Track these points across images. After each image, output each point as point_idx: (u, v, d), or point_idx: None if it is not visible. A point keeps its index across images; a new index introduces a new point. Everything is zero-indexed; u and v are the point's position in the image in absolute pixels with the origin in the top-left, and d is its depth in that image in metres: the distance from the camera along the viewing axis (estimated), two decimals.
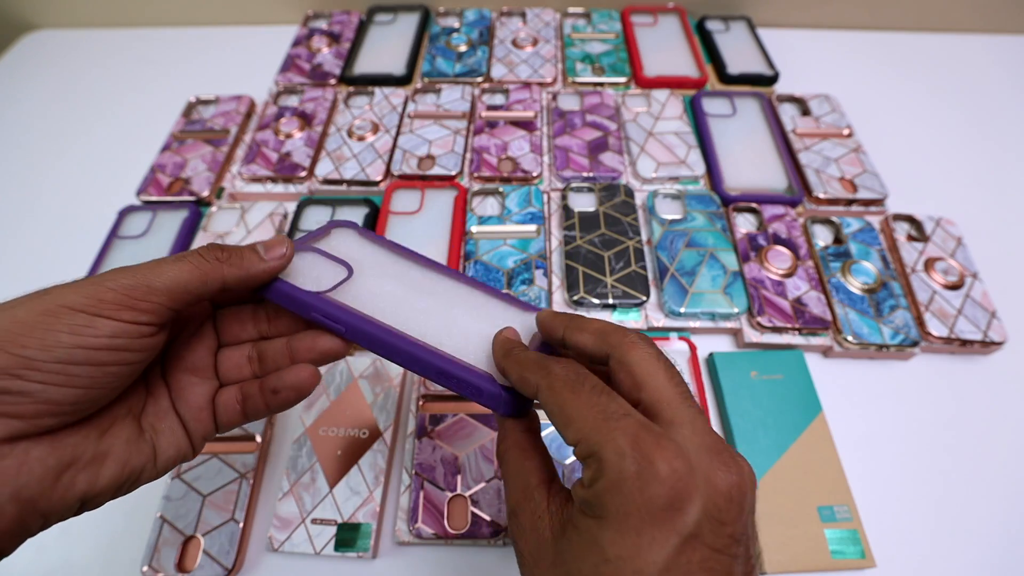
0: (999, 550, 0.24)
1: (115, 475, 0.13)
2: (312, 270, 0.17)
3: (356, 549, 0.23)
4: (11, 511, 0.12)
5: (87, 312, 0.12)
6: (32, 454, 0.12)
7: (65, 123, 0.43)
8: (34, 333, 0.12)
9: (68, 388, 0.12)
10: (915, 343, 0.28)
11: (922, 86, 0.43)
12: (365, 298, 0.17)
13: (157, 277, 0.14)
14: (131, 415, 0.14)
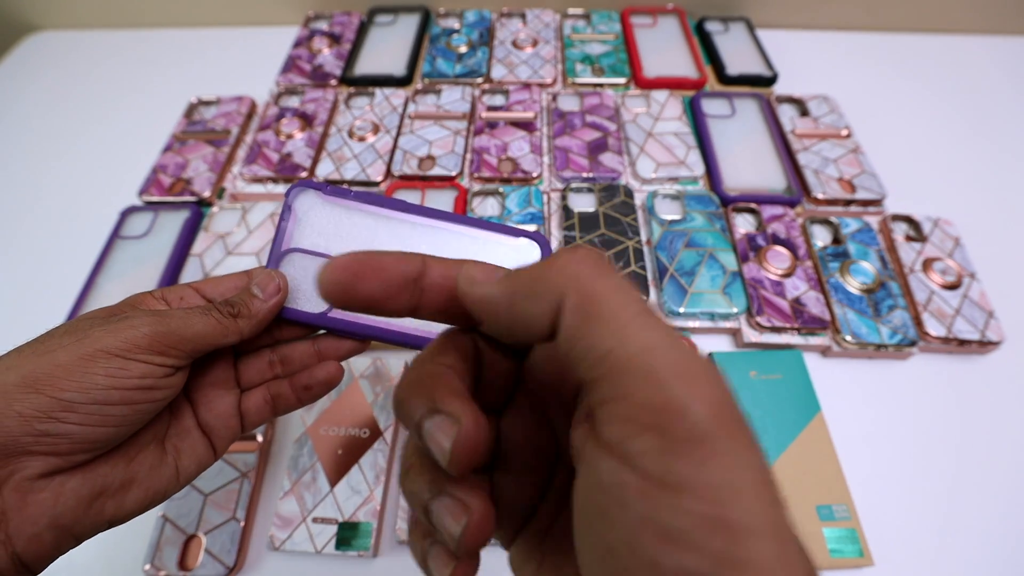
0: (997, 548, 0.24)
1: (140, 498, 0.15)
2: (304, 277, 0.17)
3: (357, 548, 0.23)
4: (49, 538, 0.13)
5: (123, 356, 0.13)
6: (67, 486, 0.13)
7: (67, 124, 0.43)
8: (72, 376, 0.13)
9: (102, 428, 0.13)
10: (913, 343, 0.28)
11: (920, 87, 0.43)
12: None
13: (187, 328, 0.15)
14: (155, 440, 0.16)
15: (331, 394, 0.27)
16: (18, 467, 0.13)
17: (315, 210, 0.18)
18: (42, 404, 0.12)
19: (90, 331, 0.14)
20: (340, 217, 0.17)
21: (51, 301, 0.31)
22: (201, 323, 0.15)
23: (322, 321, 0.17)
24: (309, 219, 0.17)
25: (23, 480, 0.13)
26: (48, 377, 0.13)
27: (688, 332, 0.29)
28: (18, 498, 0.13)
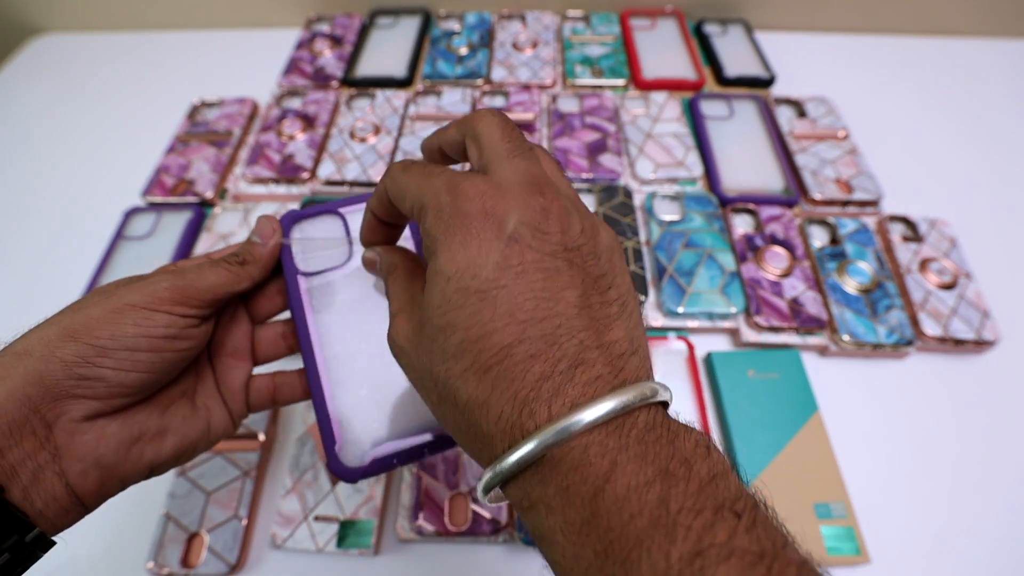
0: (993, 547, 0.24)
1: (175, 446, 0.16)
2: (324, 240, 0.18)
3: (358, 546, 0.23)
4: (95, 475, 0.14)
5: (148, 308, 0.15)
6: (107, 430, 0.15)
7: (71, 125, 0.43)
8: (105, 326, 0.14)
9: (134, 373, 0.15)
10: (910, 342, 0.28)
11: (916, 89, 0.43)
12: (335, 296, 0.18)
13: (202, 280, 0.16)
14: (185, 396, 0.17)
15: None
16: (65, 409, 0.14)
17: None
18: (80, 350, 0.14)
19: (117, 290, 0.15)
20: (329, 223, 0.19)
21: (55, 301, 0.31)
22: (213, 274, 0.16)
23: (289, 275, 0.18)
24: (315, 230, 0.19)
25: (70, 421, 0.14)
26: (84, 328, 0.14)
27: (687, 332, 0.29)
28: (67, 437, 0.14)
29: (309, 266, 0.18)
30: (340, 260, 0.18)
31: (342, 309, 0.18)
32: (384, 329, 0.16)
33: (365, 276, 0.18)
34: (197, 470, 0.25)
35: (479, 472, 0.24)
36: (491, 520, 0.23)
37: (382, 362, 0.17)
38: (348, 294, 0.18)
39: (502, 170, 0.13)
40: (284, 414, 0.28)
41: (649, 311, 0.30)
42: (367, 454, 0.16)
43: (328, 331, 0.17)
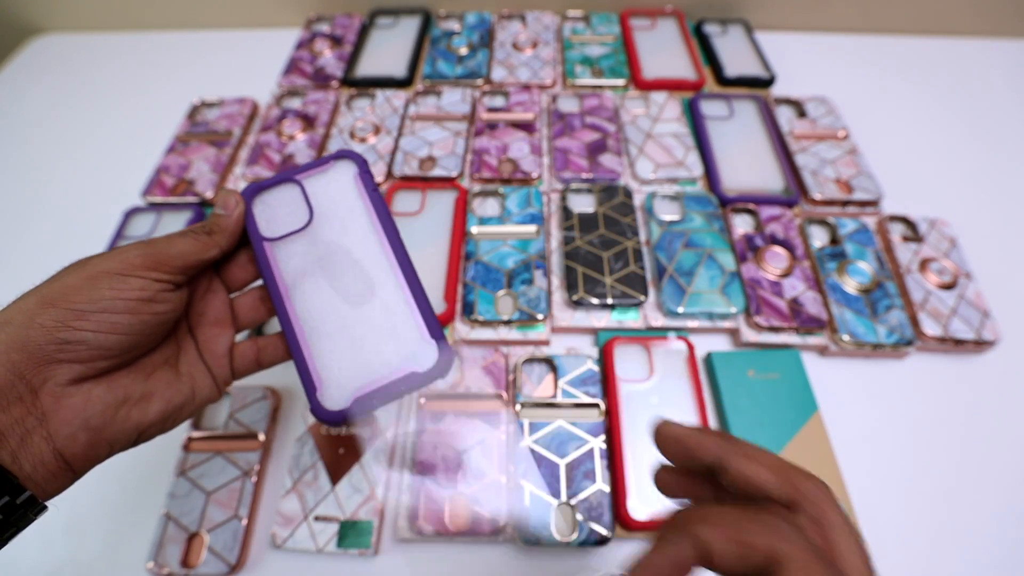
0: (994, 548, 0.24)
1: (161, 410, 0.17)
2: (284, 207, 0.19)
3: (358, 546, 0.23)
4: (83, 438, 0.15)
5: (121, 274, 0.16)
6: (94, 393, 0.15)
7: (71, 125, 0.43)
8: (81, 292, 0.15)
9: (113, 335, 0.15)
10: (910, 342, 0.28)
11: (916, 89, 0.43)
12: (300, 258, 0.19)
13: (171, 247, 0.17)
14: (168, 364, 0.18)
15: None
16: (50, 374, 0.15)
17: (339, 176, 0.20)
18: (58, 315, 0.14)
19: (90, 260, 0.16)
20: (347, 196, 0.19)
21: None
22: (182, 242, 0.17)
23: (255, 241, 0.18)
24: (329, 178, 0.20)
25: (56, 386, 0.15)
26: (60, 295, 0.15)
27: (687, 332, 0.29)
28: (53, 401, 0.15)
29: (273, 231, 0.19)
30: (301, 223, 0.19)
31: (308, 267, 0.18)
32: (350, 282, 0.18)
33: (326, 235, 0.19)
34: (197, 470, 0.25)
35: (479, 472, 0.24)
36: (491, 520, 0.23)
37: (352, 310, 0.18)
38: (312, 253, 0.19)
39: None
40: (283, 414, 0.28)
41: (649, 311, 0.30)
42: (348, 396, 0.17)
43: (297, 288, 0.18)
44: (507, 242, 0.32)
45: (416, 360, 0.18)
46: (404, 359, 0.18)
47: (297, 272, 0.18)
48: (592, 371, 0.27)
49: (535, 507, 0.23)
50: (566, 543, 0.23)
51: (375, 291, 0.18)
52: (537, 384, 0.27)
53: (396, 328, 0.18)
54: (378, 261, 0.19)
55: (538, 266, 0.31)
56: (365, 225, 0.19)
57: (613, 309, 0.30)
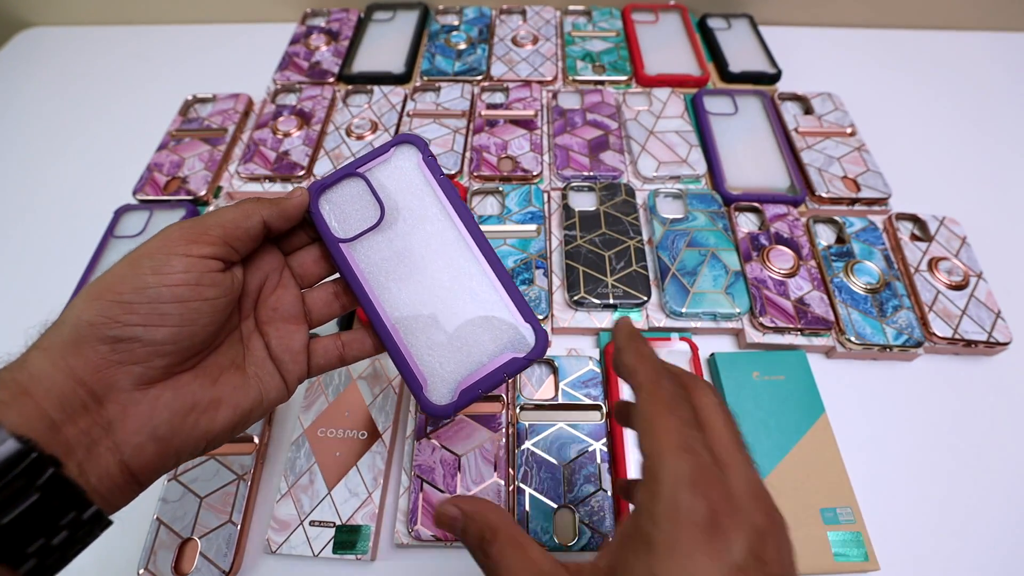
0: (1004, 552, 0.23)
1: (230, 416, 0.16)
2: (352, 203, 0.18)
3: (355, 551, 0.23)
4: (151, 448, 0.14)
5: (162, 252, 0.15)
6: (161, 400, 0.15)
7: (61, 121, 0.42)
8: (125, 281, 0.14)
9: (164, 327, 0.15)
10: (919, 344, 0.27)
11: (926, 84, 0.43)
12: (379, 254, 0.18)
13: (210, 217, 0.16)
14: (235, 366, 0.17)
15: (329, 395, 0.26)
16: (112, 379, 0.14)
17: (403, 163, 0.19)
18: (103, 309, 0.14)
19: (136, 247, 0.16)
20: (415, 183, 0.19)
21: (45, 301, 0.31)
22: (223, 211, 0.17)
23: (332, 245, 0.18)
24: (393, 167, 0.19)
25: (120, 392, 0.14)
26: (106, 287, 0.14)
27: (690, 333, 0.29)
28: (120, 410, 0.14)
29: (346, 231, 0.18)
30: (374, 219, 0.18)
31: (389, 263, 0.18)
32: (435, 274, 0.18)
33: (401, 228, 0.18)
34: (190, 474, 0.24)
35: (478, 475, 0.24)
36: None
37: (443, 303, 0.18)
38: (391, 248, 0.18)
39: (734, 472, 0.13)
40: (279, 417, 0.27)
41: (651, 311, 0.29)
42: (454, 389, 0.17)
43: (384, 286, 0.18)
44: (507, 241, 0.31)
45: (514, 345, 0.18)
46: (502, 345, 0.18)
47: (380, 270, 0.18)
48: (593, 372, 0.27)
49: (535, 511, 0.23)
50: (567, 547, 0.22)
51: (462, 280, 0.18)
52: (538, 386, 0.26)
53: (489, 315, 0.18)
54: (459, 248, 0.18)
55: (538, 265, 0.30)
56: (439, 212, 0.19)
57: (615, 309, 0.29)
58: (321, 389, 0.27)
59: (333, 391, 0.27)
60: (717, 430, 0.14)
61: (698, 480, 0.12)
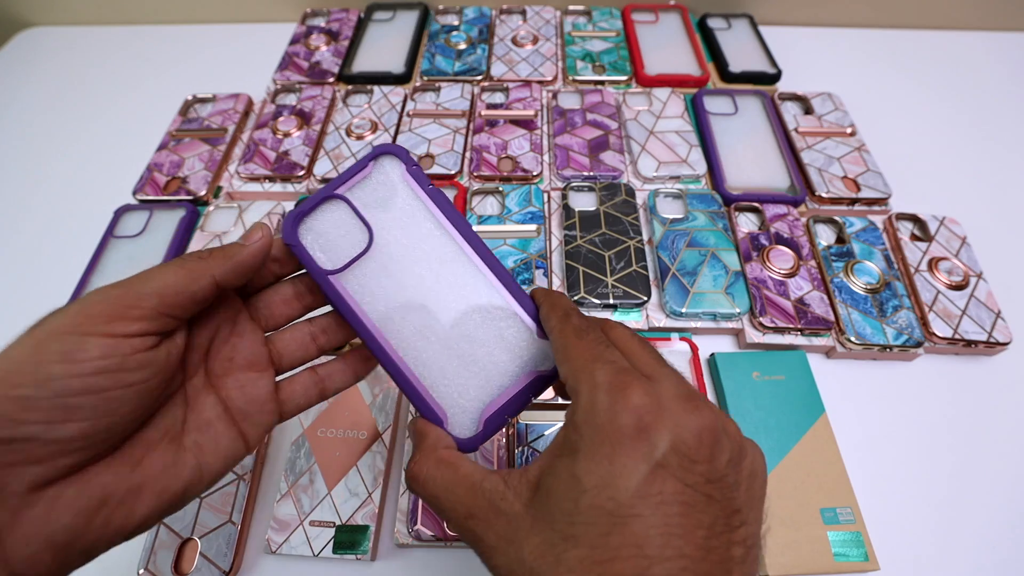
0: (1004, 552, 0.23)
1: (153, 506, 0.13)
2: (337, 230, 0.16)
3: (355, 551, 0.23)
4: (47, 558, 0.12)
5: (76, 333, 0.12)
6: (61, 499, 0.12)
7: (61, 121, 0.42)
8: (26, 369, 0.12)
9: (72, 423, 0.12)
10: (919, 344, 0.27)
11: (926, 84, 0.43)
12: (375, 282, 0.16)
13: (145, 283, 0.13)
14: (167, 438, 0.14)
15: None
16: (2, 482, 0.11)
17: (385, 178, 0.17)
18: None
19: (46, 317, 0.13)
20: (402, 198, 0.17)
21: (44, 301, 0.31)
22: (162, 274, 0.13)
23: (320, 279, 0.16)
24: (375, 183, 0.17)
25: (10, 497, 0.11)
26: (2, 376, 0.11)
27: (690, 333, 0.29)
28: (8, 516, 0.11)
29: (334, 262, 0.16)
30: (363, 244, 0.16)
31: (388, 292, 0.16)
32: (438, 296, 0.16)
33: (394, 250, 0.17)
34: None
35: None
36: None
37: (452, 327, 0.16)
38: (386, 273, 0.16)
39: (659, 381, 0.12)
40: None
41: (651, 311, 0.29)
42: (478, 419, 0.16)
43: (385, 319, 0.16)
44: (507, 241, 0.31)
45: (536, 363, 0.16)
46: (523, 364, 0.16)
47: (377, 299, 0.16)
48: None
49: None
50: None
51: (469, 299, 0.16)
52: None
53: (504, 333, 0.16)
54: (461, 265, 0.17)
55: (538, 266, 0.30)
56: (433, 227, 0.17)
57: (615, 309, 0.29)
58: None
59: None
60: (636, 351, 0.14)
61: (615, 383, 0.12)
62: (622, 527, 0.11)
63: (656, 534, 0.11)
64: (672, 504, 0.11)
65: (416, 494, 0.14)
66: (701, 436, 0.12)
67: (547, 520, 0.12)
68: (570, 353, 0.14)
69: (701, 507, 0.11)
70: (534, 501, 0.12)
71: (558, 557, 0.11)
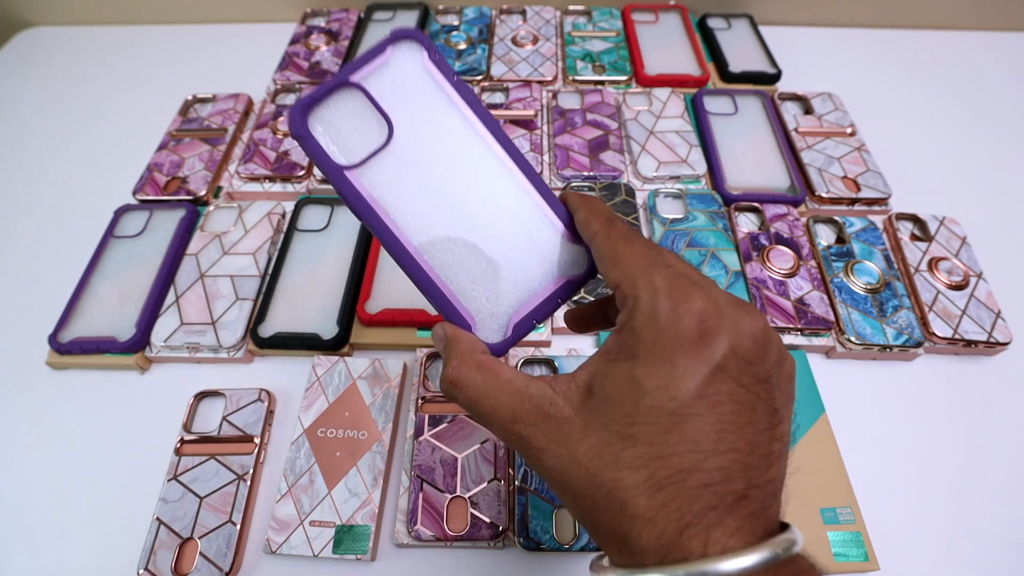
0: (1004, 552, 0.23)
1: None
2: (351, 121, 0.15)
3: (355, 552, 0.23)
4: None
5: None
6: None
7: (61, 121, 0.42)
8: None
9: None
10: (919, 344, 0.27)
11: (926, 84, 0.43)
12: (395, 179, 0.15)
13: None
14: None
15: (329, 396, 0.26)
16: None
17: (406, 65, 0.15)
18: None
19: None
20: (424, 89, 0.15)
21: (44, 300, 0.31)
22: None
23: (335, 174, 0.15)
24: (394, 71, 0.15)
25: None
26: None
27: None
28: None
29: (350, 156, 0.15)
30: (381, 138, 0.15)
31: (410, 190, 0.15)
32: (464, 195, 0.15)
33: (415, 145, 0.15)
34: (190, 474, 0.24)
35: (477, 475, 0.24)
36: (490, 524, 0.23)
37: (480, 228, 0.15)
38: (408, 172, 0.15)
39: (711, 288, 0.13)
40: (279, 417, 0.27)
41: None
42: (506, 324, 0.15)
43: (408, 219, 0.15)
44: None
45: (566, 267, 0.16)
46: (554, 268, 0.16)
47: (398, 199, 0.15)
48: None
49: (535, 511, 0.23)
50: (567, 548, 0.22)
51: (498, 199, 0.15)
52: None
53: (533, 236, 0.15)
54: (489, 163, 0.15)
55: None
56: (459, 122, 0.15)
57: None
58: (321, 389, 0.27)
59: (333, 391, 0.27)
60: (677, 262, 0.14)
61: (675, 288, 0.12)
62: (681, 425, 0.11)
63: (711, 431, 0.11)
64: (727, 403, 0.11)
65: (453, 399, 0.14)
66: (756, 339, 0.12)
67: (603, 422, 0.12)
68: (621, 258, 0.13)
69: (751, 405, 0.12)
70: (586, 405, 0.12)
71: (616, 455, 0.11)
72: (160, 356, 0.29)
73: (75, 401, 0.28)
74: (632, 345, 0.12)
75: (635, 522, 0.11)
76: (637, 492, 0.11)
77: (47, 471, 0.26)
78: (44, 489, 0.25)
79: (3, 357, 0.30)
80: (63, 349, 0.28)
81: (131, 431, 0.27)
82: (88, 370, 0.29)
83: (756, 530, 0.11)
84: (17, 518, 0.24)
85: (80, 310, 0.29)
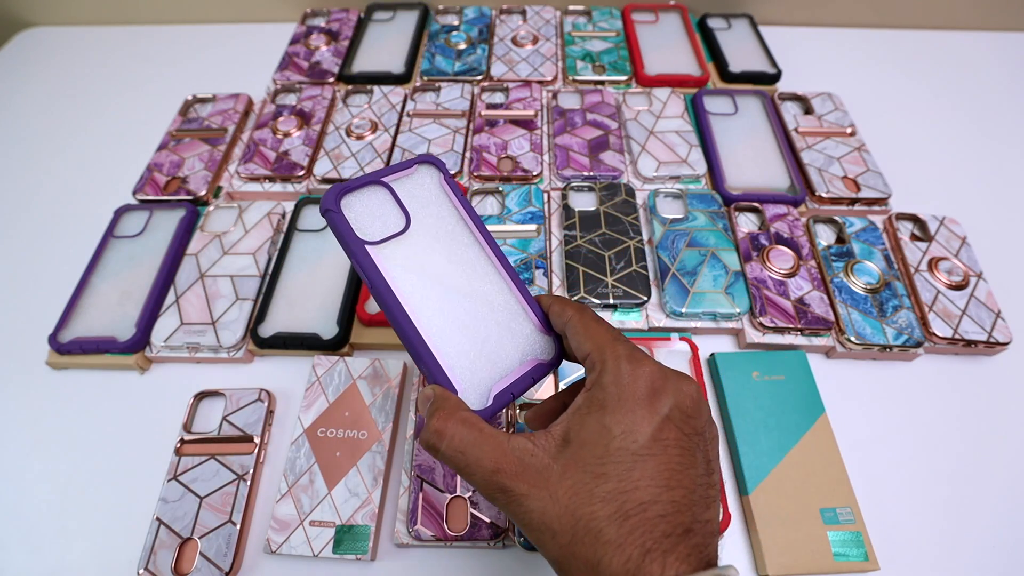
0: (1004, 552, 0.23)
1: None
2: (376, 209, 0.18)
3: (354, 551, 0.23)
4: None
5: None
6: None
7: (61, 121, 0.42)
8: None
9: None
10: (919, 344, 0.27)
11: (926, 84, 0.43)
12: (404, 262, 0.18)
13: None
14: None
15: (329, 395, 0.26)
16: None
17: (426, 179, 0.20)
18: None
19: None
20: (437, 199, 0.20)
21: (44, 300, 0.31)
22: None
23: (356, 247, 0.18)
24: (416, 182, 0.20)
25: None
26: None
27: (690, 333, 0.29)
28: None
29: (371, 235, 0.18)
30: (399, 227, 0.18)
31: (415, 273, 0.18)
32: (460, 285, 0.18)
33: (425, 239, 0.19)
34: (190, 474, 0.24)
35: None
36: (490, 524, 0.23)
37: (468, 314, 0.18)
38: (416, 257, 0.18)
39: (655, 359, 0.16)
40: (279, 417, 0.27)
41: (651, 311, 0.29)
42: (487, 394, 0.18)
43: (411, 295, 0.18)
44: (507, 241, 0.31)
45: (538, 352, 0.19)
46: (527, 352, 0.19)
47: (405, 278, 0.18)
48: None
49: None
50: None
51: (486, 293, 0.19)
52: (538, 386, 0.26)
53: (511, 324, 0.19)
54: (482, 264, 0.19)
55: (538, 265, 0.30)
56: (462, 229, 0.19)
57: (615, 309, 0.29)
58: (321, 389, 0.27)
59: (333, 391, 0.27)
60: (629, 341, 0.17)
61: (632, 357, 0.16)
62: (641, 463, 0.14)
63: (664, 469, 0.14)
64: (674, 447, 0.14)
65: (435, 451, 0.16)
66: (693, 398, 0.15)
67: (579, 465, 0.14)
68: (593, 334, 0.17)
69: (691, 452, 0.15)
70: (563, 452, 0.15)
71: (591, 492, 0.14)
72: (160, 356, 0.29)
73: (75, 401, 0.28)
74: (602, 399, 0.15)
75: (607, 548, 0.13)
76: (609, 522, 0.13)
77: (47, 471, 0.26)
78: (44, 489, 0.25)
79: (3, 357, 0.30)
80: (63, 349, 0.28)
81: (131, 431, 0.27)
82: (88, 370, 0.29)
83: (700, 561, 0.13)
84: (17, 518, 0.24)
85: (80, 310, 0.29)
